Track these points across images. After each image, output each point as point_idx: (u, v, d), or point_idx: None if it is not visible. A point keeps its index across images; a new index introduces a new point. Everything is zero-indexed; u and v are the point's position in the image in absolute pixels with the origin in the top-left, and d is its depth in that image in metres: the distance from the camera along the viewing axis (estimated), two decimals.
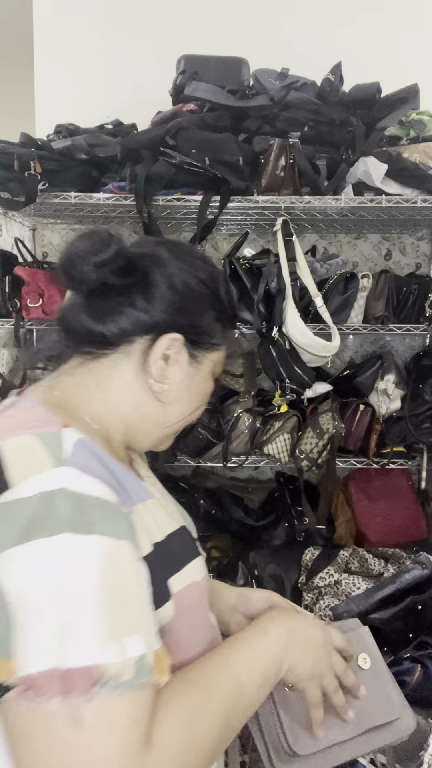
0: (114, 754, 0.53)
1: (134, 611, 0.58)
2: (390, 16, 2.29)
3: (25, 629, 0.53)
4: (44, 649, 0.52)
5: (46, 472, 0.59)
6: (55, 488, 0.58)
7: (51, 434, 0.63)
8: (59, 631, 0.53)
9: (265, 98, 1.89)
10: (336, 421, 1.97)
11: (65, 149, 1.86)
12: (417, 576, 1.66)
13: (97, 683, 0.52)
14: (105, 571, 0.56)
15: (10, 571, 0.54)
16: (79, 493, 0.59)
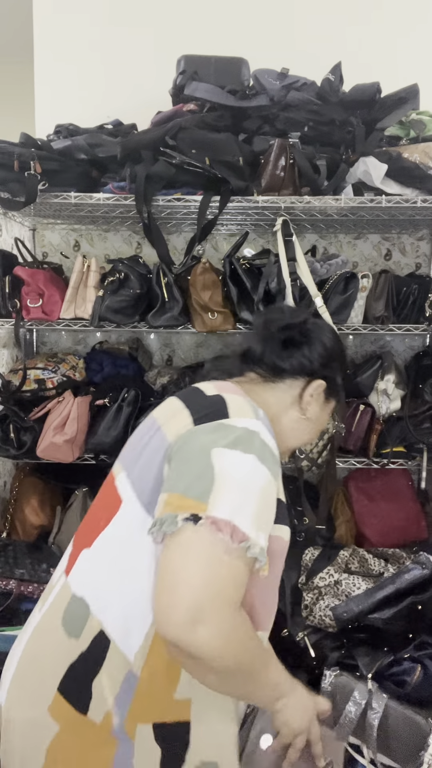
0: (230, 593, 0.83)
1: (267, 522, 0.90)
2: (390, 16, 2.29)
3: (220, 491, 0.86)
4: (227, 509, 0.85)
5: (250, 419, 0.96)
6: (255, 430, 0.94)
7: (252, 405, 1.01)
8: (237, 503, 0.86)
9: (265, 98, 1.89)
10: (336, 421, 1.97)
11: (65, 149, 1.86)
12: (417, 576, 1.66)
13: (244, 542, 0.84)
14: (264, 488, 0.90)
15: (221, 460, 0.89)
16: (266, 441, 0.95)
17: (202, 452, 0.90)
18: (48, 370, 2.12)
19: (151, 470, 0.97)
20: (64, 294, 1.97)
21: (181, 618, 0.79)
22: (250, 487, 0.88)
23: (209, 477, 0.87)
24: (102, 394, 2.01)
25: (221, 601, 0.82)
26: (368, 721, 1.50)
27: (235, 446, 0.90)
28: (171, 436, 0.97)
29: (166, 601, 0.82)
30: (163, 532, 0.85)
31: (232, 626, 0.83)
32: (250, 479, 0.88)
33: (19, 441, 1.98)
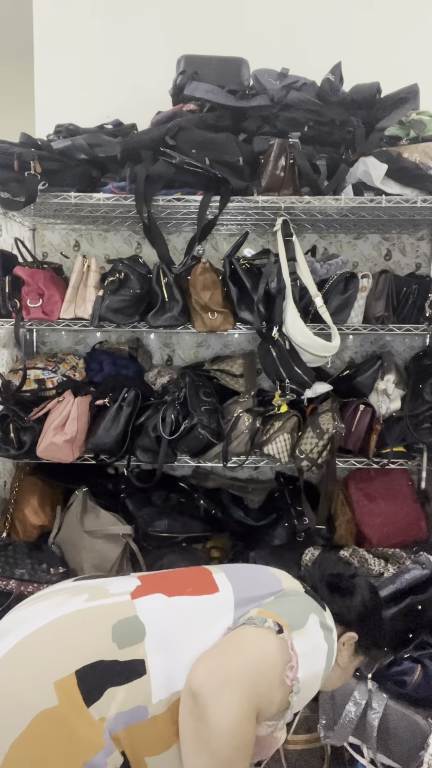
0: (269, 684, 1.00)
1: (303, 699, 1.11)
2: (390, 16, 2.29)
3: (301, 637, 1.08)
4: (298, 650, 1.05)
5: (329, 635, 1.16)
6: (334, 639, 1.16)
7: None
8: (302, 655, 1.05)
9: (265, 98, 1.89)
10: (336, 421, 1.97)
11: (65, 149, 1.86)
12: (417, 576, 1.66)
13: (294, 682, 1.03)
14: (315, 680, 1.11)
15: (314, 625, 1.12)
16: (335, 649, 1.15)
17: (304, 607, 1.12)
18: (48, 370, 2.12)
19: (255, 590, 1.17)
20: (64, 294, 1.97)
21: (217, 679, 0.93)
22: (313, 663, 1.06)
23: (302, 620, 1.07)
24: (102, 394, 2.01)
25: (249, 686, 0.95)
26: (368, 721, 1.50)
27: (323, 629, 1.11)
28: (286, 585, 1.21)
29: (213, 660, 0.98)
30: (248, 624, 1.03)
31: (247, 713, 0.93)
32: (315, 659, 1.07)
33: (19, 441, 1.98)
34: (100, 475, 2.27)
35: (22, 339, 2.40)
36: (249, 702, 0.93)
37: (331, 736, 1.55)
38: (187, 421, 1.94)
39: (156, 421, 1.94)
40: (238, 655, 0.98)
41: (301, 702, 1.07)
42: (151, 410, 1.98)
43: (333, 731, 1.55)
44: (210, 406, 1.99)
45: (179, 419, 1.95)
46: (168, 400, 1.97)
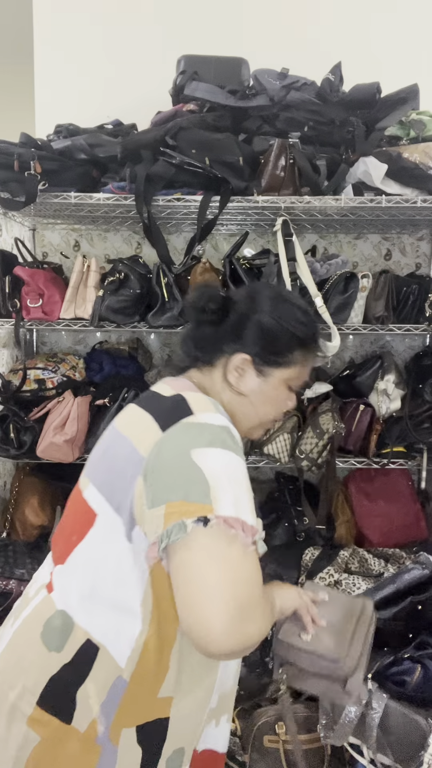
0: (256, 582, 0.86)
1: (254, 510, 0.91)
2: (390, 16, 2.29)
3: (219, 490, 0.85)
4: (230, 506, 0.85)
5: (215, 414, 0.96)
6: (223, 425, 0.94)
7: (210, 398, 1.02)
8: (234, 498, 0.86)
9: (265, 98, 1.89)
10: (336, 421, 1.97)
11: (65, 149, 1.86)
12: (417, 576, 1.66)
13: (255, 536, 0.86)
14: (245, 478, 0.92)
15: (205, 460, 0.87)
16: (233, 434, 0.96)
17: (183, 457, 0.88)
18: (48, 370, 2.12)
19: (123, 482, 0.94)
20: (64, 294, 1.97)
21: (227, 626, 0.78)
22: (238, 481, 0.89)
23: (202, 479, 0.85)
24: (102, 394, 2.01)
25: (255, 596, 0.84)
26: (368, 721, 1.50)
27: (212, 444, 0.90)
28: (143, 450, 0.92)
29: (202, 614, 0.79)
30: (172, 541, 0.82)
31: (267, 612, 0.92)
32: (235, 473, 0.89)
33: (19, 441, 1.98)
34: None
35: (22, 339, 2.40)
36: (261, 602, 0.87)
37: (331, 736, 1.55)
38: None
39: None
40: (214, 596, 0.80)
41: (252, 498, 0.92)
42: None
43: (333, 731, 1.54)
44: None
45: None
46: None
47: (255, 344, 1.06)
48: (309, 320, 1.10)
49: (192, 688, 0.97)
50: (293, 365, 1.08)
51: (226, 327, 1.07)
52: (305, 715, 1.67)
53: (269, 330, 1.06)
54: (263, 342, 1.06)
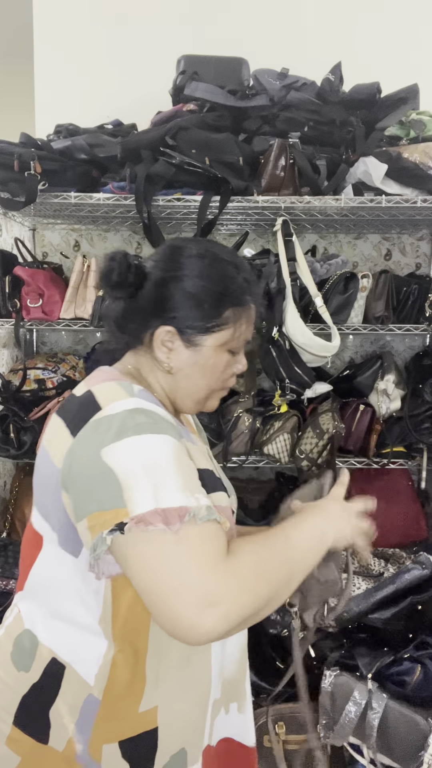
0: (207, 558, 0.76)
1: (197, 483, 0.84)
2: (390, 16, 2.29)
3: (132, 489, 0.77)
4: (147, 499, 0.76)
5: (126, 399, 0.86)
6: (135, 407, 0.85)
7: (125, 382, 0.91)
8: (153, 487, 0.77)
9: (265, 98, 1.89)
10: (336, 421, 1.97)
11: (65, 149, 1.86)
12: (417, 576, 1.66)
13: (185, 515, 0.77)
14: (175, 454, 0.82)
15: (114, 457, 0.79)
16: (151, 410, 0.85)
17: (93, 460, 0.80)
18: (48, 370, 2.12)
19: (51, 499, 0.89)
20: (64, 294, 1.97)
21: (192, 621, 0.73)
22: (159, 464, 0.79)
23: (113, 480, 0.78)
24: None
25: (207, 577, 0.75)
26: (368, 721, 1.50)
27: (121, 435, 0.80)
28: (57, 461, 0.87)
29: (165, 619, 0.75)
30: (97, 555, 0.78)
31: (235, 583, 0.76)
32: (156, 456, 0.80)
33: (19, 441, 1.98)
34: None
35: (22, 339, 2.40)
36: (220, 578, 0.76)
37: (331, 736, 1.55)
38: None
39: None
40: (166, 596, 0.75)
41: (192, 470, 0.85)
42: None
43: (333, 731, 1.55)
44: None
45: None
46: None
47: (178, 313, 0.93)
48: (235, 272, 0.96)
49: (179, 690, 0.92)
50: (226, 327, 0.95)
51: (144, 298, 0.94)
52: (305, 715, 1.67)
53: (191, 294, 0.93)
54: (186, 309, 0.93)
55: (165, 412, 0.89)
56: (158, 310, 0.94)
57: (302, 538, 0.89)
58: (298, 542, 0.88)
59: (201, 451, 1.00)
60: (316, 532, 0.92)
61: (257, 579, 0.79)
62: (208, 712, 0.97)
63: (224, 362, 0.98)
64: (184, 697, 0.93)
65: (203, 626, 0.73)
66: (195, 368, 0.96)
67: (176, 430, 0.87)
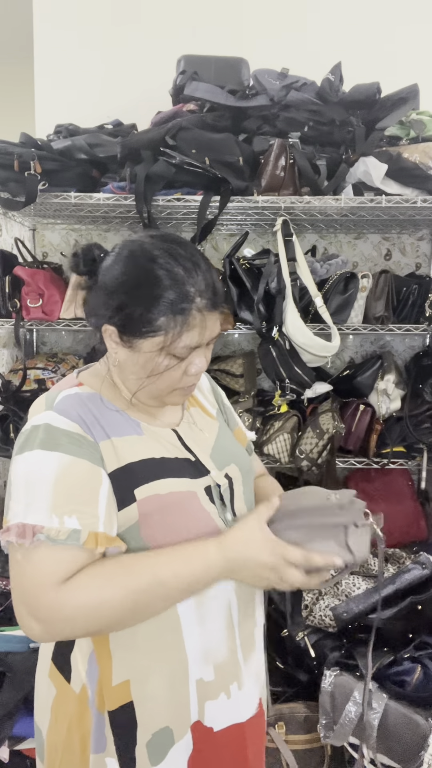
0: (40, 580, 0.83)
1: (78, 503, 0.86)
2: (389, 15, 2.29)
3: (12, 500, 0.87)
4: (18, 512, 0.85)
5: (40, 413, 0.93)
6: (40, 423, 0.90)
7: (54, 393, 0.97)
8: (26, 503, 0.85)
9: (265, 98, 1.89)
10: (336, 421, 1.97)
11: (65, 149, 1.86)
12: (417, 576, 1.66)
13: (36, 534, 0.83)
14: (59, 474, 0.86)
15: (13, 469, 0.89)
16: (53, 426, 0.90)
17: (9, 471, 0.92)
18: (48, 370, 2.12)
19: None
20: (64, 294, 1.97)
21: (24, 623, 0.85)
22: (39, 480, 0.85)
23: (9, 491, 0.90)
24: None
25: (39, 597, 0.83)
26: (368, 721, 1.49)
27: (23, 449, 0.89)
28: None
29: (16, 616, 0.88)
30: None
31: (58, 613, 0.83)
32: (35, 472, 0.86)
33: None
34: None
35: (22, 339, 2.40)
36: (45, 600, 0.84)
37: (331, 736, 1.55)
38: None
39: None
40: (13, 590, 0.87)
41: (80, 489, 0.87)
42: None
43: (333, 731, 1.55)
44: None
45: None
46: None
47: (114, 313, 0.91)
48: (170, 276, 0.89)
49: (149, 667, 0.94)
50: (160, 333, 0.89)
51: (96, 291, 0.95)
52: (305, 714, 1.67)
53: (121, 297, 0.90)
54: (120, 310, 0.90)
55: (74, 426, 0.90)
56: (101, 307, 0.93)
57: (173, 576, 0.88)
58: (165, 579, 0.87)
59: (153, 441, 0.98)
60: (198, 567, 0.89)
61: (86, 614, 0.85)
62: (190, 690, 0.97)
63: (166, 365, 0.93)
64: (157, 674, 0.95)
65: (31, 632, 0.85)
66: (136, 367, 0.94)
67: (81, 445, 0.89)
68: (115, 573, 0.86)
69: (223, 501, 1.01)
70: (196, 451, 1.03)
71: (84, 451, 0.89)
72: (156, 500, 0.93)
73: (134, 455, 0.94)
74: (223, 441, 1.10)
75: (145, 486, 0.93)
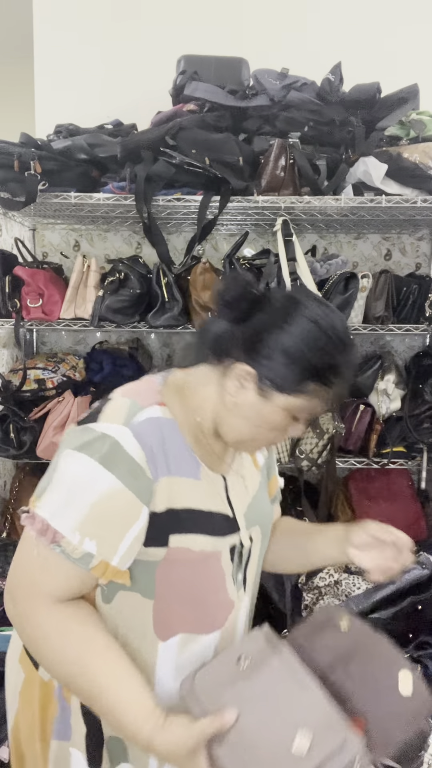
0: (38, 580, 0.87)
1: (105, 530, 0.86)
2: (389, 15, 2.29)
3: (50, 491, 0.88)
4: (49, 508, 0.86)
5: (115, 424, 0.89)
6: (111, 436, 0.88)
7: (138, 405, 0.93)
8: (61, 504, 0.86)
9: (265, 98, 1.89)
10: (336, 421, 1.97)
11: (65, 149, 1.86)
12: (417, 576, 1.66)
13: (54, 543, 0.85)
14: (102, 497, 0.86)
15: (64, 461, 0.88)
16: (122, 447, 0.87)
17: (58, 454, 0.91)
18: (48, 370, 2.12)
19: None
20: (64, 294, 1.97)
21: (7, 592, 0.90)
22: (80, 491, 0.86)
23: (50, 476, 0.90)
24: (102, 394, 2.01)
25: (27, 588, 0.88)
26: None
27: (81, 449, 0.87)
28: None
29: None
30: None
31: (32, 612, 0.87)
32: (84, 483, 0.86)
33: (19, 441, 1.98)
34: None
35: (22, 339, 2.40)
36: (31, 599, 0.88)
37: None
38: None
39: None
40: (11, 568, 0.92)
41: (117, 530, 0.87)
42: None
43: None
44: None
45: None
46: None
47: (264, 360, 0.91)
48: (336, 350, 0.92)
49: None
50: (302, 396, 0.92)
51: (244, 329, 0.93)
52: None
53: (287, 352, 0.90)
54: (274, 362, 0.91)
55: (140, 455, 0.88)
56: (250, 349, 0.92)
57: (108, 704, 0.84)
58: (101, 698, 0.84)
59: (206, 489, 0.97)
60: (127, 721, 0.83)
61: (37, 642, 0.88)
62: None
63: (284, 423, 0.96)
64: None
65: (6, 604, 0.91)
66: (253, 414, 0.94)
67: (138, 478, 0.88)
68: (83, 651, 0.85)
69: (240, 560, 1.02)
70: (235, 507, 1.02)
71: (136, 484, 0.88)
72: (185, 553, 0.93)
73: (184, 501, 0.93)
74: (259, 499, 1.10)
75: (182, 536, 0.93)
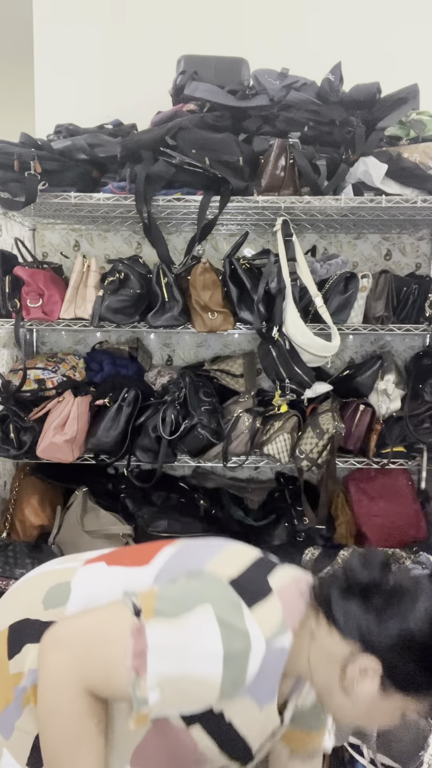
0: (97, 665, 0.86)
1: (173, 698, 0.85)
2: (389, 15, 2.29)
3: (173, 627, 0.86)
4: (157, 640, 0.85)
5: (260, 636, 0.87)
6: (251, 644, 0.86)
7: (284, 625, 0.91)
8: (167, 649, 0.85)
9: (265, 98, 1.89)
10: (336, 421, 1.97)
11: (65, 149, 1.86)
12: None
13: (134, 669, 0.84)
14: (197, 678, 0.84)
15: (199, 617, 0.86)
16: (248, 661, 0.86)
17: (199, 595, 0.88)
18: (48, 370, 2.12)
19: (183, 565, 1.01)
20: (64, 294, 1.97)
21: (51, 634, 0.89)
22: (189, 657, 0.84)
23: (178, 610, 0.87)
24: (102, 394, 2.01)
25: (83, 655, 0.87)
26: None
27: (222, 625, 0.85)
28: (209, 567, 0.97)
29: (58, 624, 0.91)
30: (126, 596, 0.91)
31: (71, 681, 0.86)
32: (197, 656, 0.84)
33: (19, 441, 1.98)
34: (100, 475, 2.27)
35: (22, 339, 2.40)
36: (71, 668, 0.86)
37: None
38: (187, 421, 1.95)
39: (156, 421, 1.94)
40: (79, 622, 0.91)
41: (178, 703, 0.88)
42: (151, 410, 1.98)
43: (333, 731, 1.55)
44: (210, 406, 1.99)
45: (179, 419, 1.95)
46: (168, 400, 1.97)
47: (395, 659, 0.86)
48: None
49: None
50: (426, 699, 0.88)
51: (375, 612, 0.88)
52: None
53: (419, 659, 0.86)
54: (406, 666, 0.86)
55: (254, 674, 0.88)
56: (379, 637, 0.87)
57: None
58: None
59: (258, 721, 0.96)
60: None
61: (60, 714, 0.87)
62: None
63: (390, 717, 0.92)
64: None
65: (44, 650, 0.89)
66: (364, 705, 0.90)
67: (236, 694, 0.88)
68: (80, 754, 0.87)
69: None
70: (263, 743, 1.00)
71: (227, 692, 0.87)
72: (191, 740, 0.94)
73: (234, 717, 0.93)
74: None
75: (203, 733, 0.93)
